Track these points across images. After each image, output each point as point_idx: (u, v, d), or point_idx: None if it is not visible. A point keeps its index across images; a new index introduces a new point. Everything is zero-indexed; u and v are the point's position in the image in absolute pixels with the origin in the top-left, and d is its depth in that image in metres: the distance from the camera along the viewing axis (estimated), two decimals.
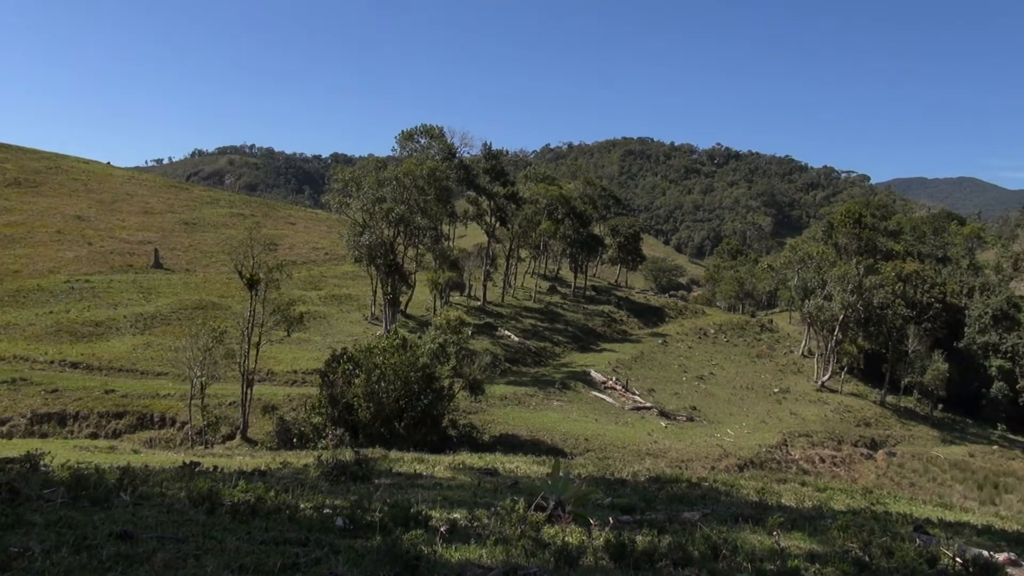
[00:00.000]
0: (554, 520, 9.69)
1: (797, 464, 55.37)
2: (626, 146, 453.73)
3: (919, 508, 24.63)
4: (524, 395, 60.74)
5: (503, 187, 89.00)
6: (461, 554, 7.71)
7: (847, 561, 8.26)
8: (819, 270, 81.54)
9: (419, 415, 42.80)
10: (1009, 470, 58.64)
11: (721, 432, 59.17)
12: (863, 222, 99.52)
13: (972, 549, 10.30)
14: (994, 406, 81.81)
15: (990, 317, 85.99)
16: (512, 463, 26.90)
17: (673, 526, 10.79)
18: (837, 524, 10.32)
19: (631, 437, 53.06)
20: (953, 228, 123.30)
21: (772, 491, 21.77)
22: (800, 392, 76.86)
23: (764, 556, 8.29)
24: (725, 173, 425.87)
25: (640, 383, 71.72)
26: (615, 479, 21.78)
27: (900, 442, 66.29)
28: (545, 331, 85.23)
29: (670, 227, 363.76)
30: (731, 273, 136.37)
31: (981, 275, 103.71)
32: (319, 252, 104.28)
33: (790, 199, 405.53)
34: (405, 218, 70.60)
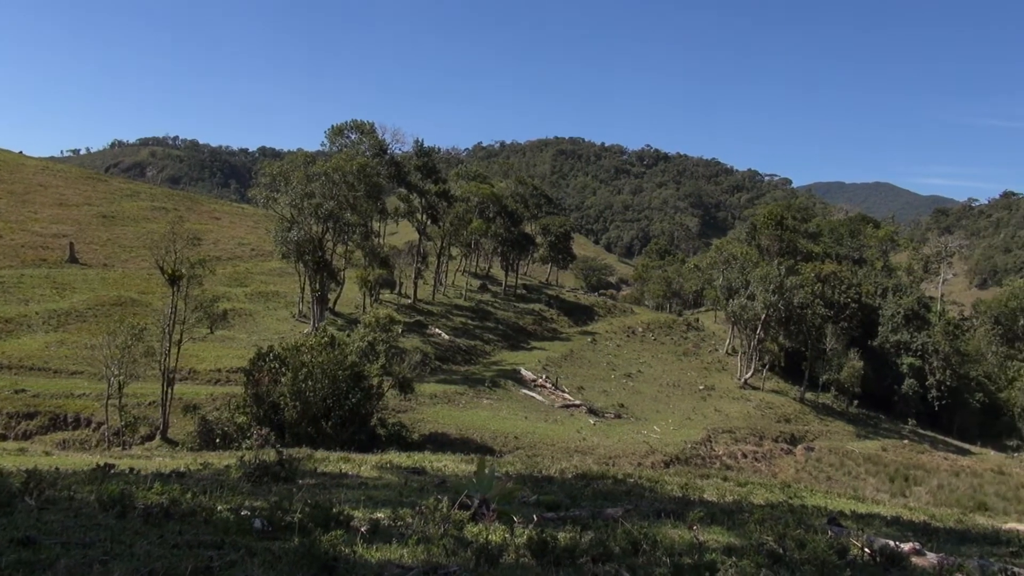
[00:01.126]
0: (478, 518, 9.68)
1: (721, 459, 56.71)
2: (558, 146, 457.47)
3: (834, 501, 25.60)
4: (454, 393, 60.60)
5: (435, 184, 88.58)
6: (382, 554, 7.63)
7: (762, 553, 8.51)
8: (743, 270, 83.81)
9: (347, 414, 42.21)
10: (918, 463, 61.34)
11: (648, 429, 60.22)
12: (784, 224, 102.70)
13: (880, 540, 10.74)
14: (905, 402, 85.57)
15: (902, 317, 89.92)
16: (440, 462, 26.80)
17: (596, 522, 10.92)
18: (754, 518, 10.62)
19: (560, 435, 53.52)
20: (868, 231, 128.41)
21: (695, 486, 22.29)
22: (724, 389, 78.86)
23: (683, 550, 8.47)
24: (654, 174, 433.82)
25: (570, 381, 72.41)
26: (542, 476, 21.92)
27: (818, 437, 68.60)
28: (476, 329, 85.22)
29: (600, 227, 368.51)
30: (659, 273, 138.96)
31: (894, 276, 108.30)
32: (245, 248, 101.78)
33: (716, 201, 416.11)
34: (334, 214, 69.56)
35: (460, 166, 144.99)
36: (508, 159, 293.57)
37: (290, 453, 22.06)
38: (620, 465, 45.18)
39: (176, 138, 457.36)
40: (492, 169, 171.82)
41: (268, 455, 19.22)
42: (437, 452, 33.21)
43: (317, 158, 79.21)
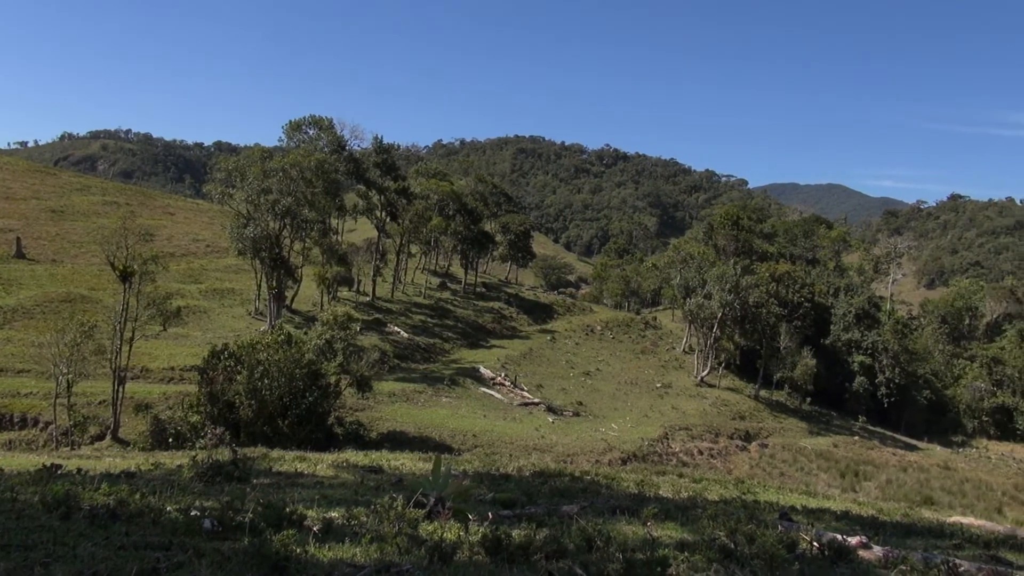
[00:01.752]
0: (434, 516, 9.64)
1: (677, 456, 57.34)
2: (518, 144, 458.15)
3: (786, 496, 26.12)
4: (413, 392, 60.32)
5: (394, 181, 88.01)
6: (334, 553, 7.56)
7: (714, 549, 8.62)
8: (700, 270, 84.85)
9: (304, 413, 41.74)
10: (868, 459, 62.81)
11: (606, 426, 60.64)
12: (741, 224, 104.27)
13: (828, 534, 10.98)
14: (856, 399, 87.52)
15: (853, 316, 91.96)
16: (398, 460, 26.70)
17: (552, 519, 10.97)
18: (707, 513, 10.76)
19: (519, 432, 53.61)
20: (822, 232, 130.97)
21: (651, 483, 22.55)
22: (681, 387, 79.79)
23: (636, 546, 8.54)
24: (613, 174, 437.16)
25: (528, 379, 72.58)
26: (500, 474, 21.97)
27: (772, 434, 69.80)
28: (435, 327, 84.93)
29: (560, 225, 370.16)
30: (618, 271, 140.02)
31: (846, 276, 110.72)
32: (200, 244, 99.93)
33: (674, 200, 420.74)
34: (292, 210, 68.69)
35: (420, 163, 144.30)
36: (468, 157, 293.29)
37: (245, 452, 21.76)
38: (578, 463, 45.47)
39: (129, 131, 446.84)
40: (452, 167, 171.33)
41: (222, 454, 18.93)
42: (395, 451, 33.06)
43: (274, 153, 78.07)
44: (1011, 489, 53.57)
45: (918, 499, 47.20)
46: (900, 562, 9.84)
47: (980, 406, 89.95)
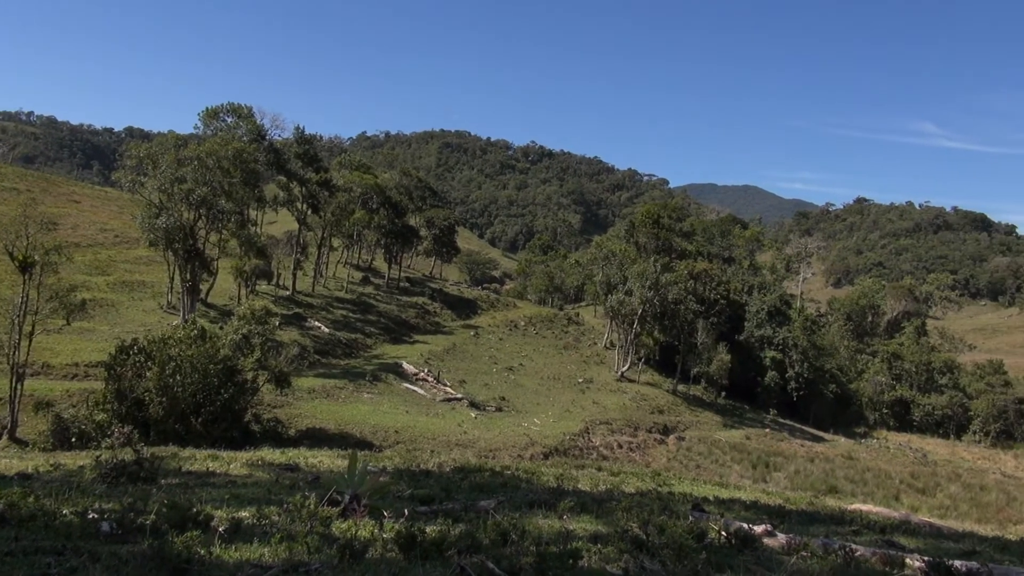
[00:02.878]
0: (348, 514, 9.50)
1: (598, 450, 58.17)
2: (444, 139, 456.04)
3: (700, 488, 26.85)
4: (333, 388, 59.32)
5: (316, 173, 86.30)
6: (241, 554, 7.35)
7: (626, 540, 8.79)
8: (621, 267, 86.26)
9: (219, 410, 40.49)
10: (778, 450, 65.08)
11: (528, 421, 61.03)
12: (661, 223, 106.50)
13: (736, 523, 11.34)
14: (768, 393, 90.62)
15: (766, 313, 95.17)
16: (316, 457, 26.23)
17: (469, 515, 10.97)
18: (621, 506, 10.96)
19: (441, 428, 53.40)
20: (737, 232, 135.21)
21: (570, 477, 22.82)
22: (602, 382, 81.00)
23: (551, 539, 8.63)
24: (538, 171, 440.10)
25: (452, 374, 72.39)
26: (420, 471, 21.84)
27: (689, 427, 71.55)
28: (357, 322, 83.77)
29: (485, 221, 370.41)
30: (542, 268, 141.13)
31: (759, 275, 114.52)
32: (108, 234, 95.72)
33: (598, 198, 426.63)
34: (207, 201, 66.45)
35: (343, 155, 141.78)
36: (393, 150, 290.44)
37: (153, 452, 20.95)
38: (500, 458, 45.61)
39: (31, 114, 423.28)
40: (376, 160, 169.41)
41: (127, 454, 18.19)
42: (314, 448, 32.47)
43: (189, 141, 75.35)
44: (907, 477, 56.44)
45: (823, 488, 49.19)
46: (801, 548, 10.25)
47: (881, 399, 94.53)
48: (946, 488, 53.60)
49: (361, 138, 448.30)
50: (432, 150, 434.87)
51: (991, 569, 11.27)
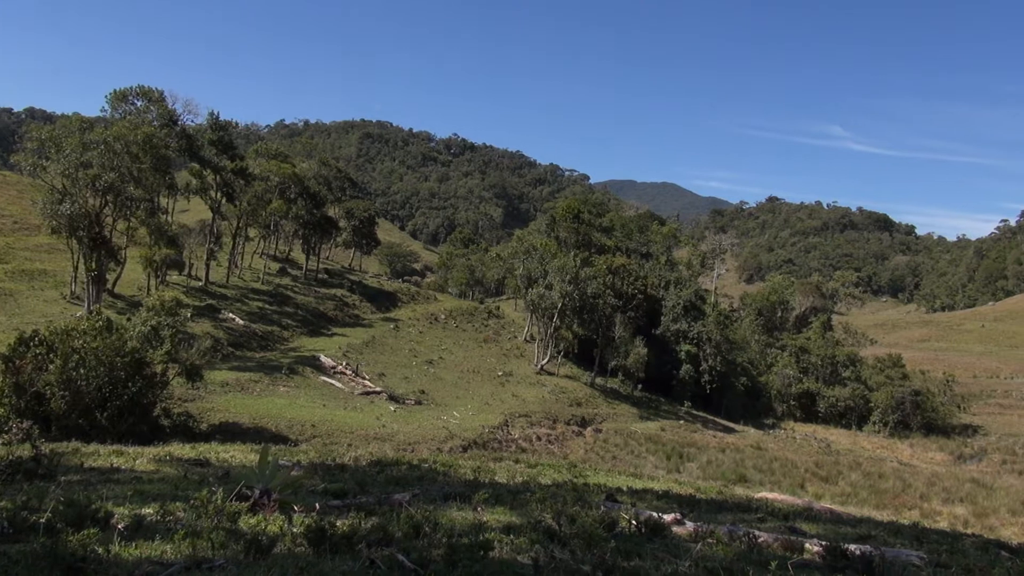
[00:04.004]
0: (258, 509, 9.30)
1: (516, 443, 58.57)
2: (365, 129, 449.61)
3: (615, 479, 27.41)
4: (248, 381, 57.85)
5: (231, 161, 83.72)
6: (141, 552, 7.11)
7: (539, 531, 8.91)
8: (542, 261, 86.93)
9: (126, 404, 38.91)
10: (691, 441, 66.89)
11: (448, 414, 60.95)
12: (581, 218, 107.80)
13: (646, 512, 11.64)
14: (682, 385, 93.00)
15: (681, 308, 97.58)
16: (229, 452, 25.57)
17: (383, 508, 10.90)
18: (535, 497, 11.09)
19: (359, 422, 52.78)
20: (655, 228, 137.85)
21: (487, 469, 22.93)
22: (522, 375, 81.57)
23: (464, 531, 8.66)
24: (460, 163, 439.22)
25: (371, 368, 71.63)
26: (335, 464, 21.56)
27: (606, 419, 72.79)
28: (273, 314, 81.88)
29: (406, 213, 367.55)
30: (463, 261, 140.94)
31: (676, 271, 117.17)
32: (6, 220, 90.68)
33: (520, 192, 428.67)
34: (115, 187, 63.63)
35: (260, 143, 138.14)
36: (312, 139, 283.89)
37: (53, 447, 19.99)
38: (419, 451, 45.40)
39: None
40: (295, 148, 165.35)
41: (25, 450, 17.31)
42: (227, 443, 31.63)
43: (96, 124, 71.90)
44: (812, 466, 58.87)
45: (733, 477, 50.84)
46: (708, 535, 10.61)
47: (788, 391, 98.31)
48: (847, 476, 56.06)
49: (279, 126, 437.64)
50: (353, 140, 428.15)
51: (883, 552, 11.91)
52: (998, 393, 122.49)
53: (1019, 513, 47.44)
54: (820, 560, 10.31)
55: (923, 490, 52.28)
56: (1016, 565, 13.22)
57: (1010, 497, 51.29)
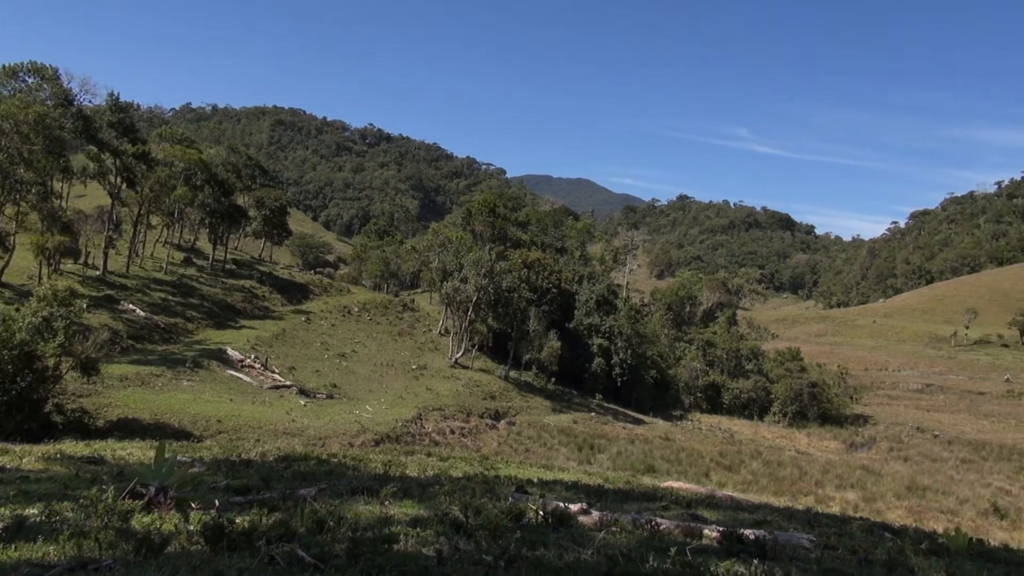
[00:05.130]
0: (153, 507, 8.96)
1: (430, 436, 58.34)
2: (277, 115, 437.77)
3: (526, 471, 27.65)
4: (149, 375, 55.58)
5: (132, 145, 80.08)
6: (21, 553, 6.73)
7: (446, 523, 8.90)
8: (457, 254, 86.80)
9: (14, 400, 36.90)
10: (602, 433, 68.16)
11: (361, 408, 60.17)
12: (497, 212, 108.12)
13: (554, 502, 11.81)
14: (594, 379, 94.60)
15: (594, 302, 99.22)
16: (126, 449, 24.52)
17: (287, 504, 10.67)
18: (444, 490, 11.08)
19: (268, 417, 51.51)
20: (570, 223, 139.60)
21: (398, 463, 22.76)
22: (436, 368, 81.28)
23: (369, 525, 8.57)
24: (376, 154, 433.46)
25: (281, 361, 70.00)
26: (241, 460, 20.97)
27: (520, 412, 73.34)
28: (177, 306, 78.88)
29: (319, 203, 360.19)
30: (378, 253, 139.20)
31: (589, 265, 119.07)
32: None
33: (436, 185, 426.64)
34: (3, 169, 60.04)
35: (164, 127, 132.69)
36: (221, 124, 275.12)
37: None
38: (330, 446, 44.67)
39: None
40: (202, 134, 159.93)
41: None
42: (125, 440, 30.35)
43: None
44: (716, 456, 60.92)
45: (642, 468, 52.09)
46: (612, 524, 10.84)
47: (695, 384, 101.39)
48: (749, 465, 58.25)
49: (185, 110, 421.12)
50: (264, 127, 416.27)
51: (776, 536, 12.46)
52: (886, 385, 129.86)
53: (903, 497, 50.46)
54: (717, 545, 10.69)
55: (818, 477, 54.92)
56: (896, 545, 14.06)
57: (895, 482, 54.48)
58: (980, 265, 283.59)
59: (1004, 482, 58.83)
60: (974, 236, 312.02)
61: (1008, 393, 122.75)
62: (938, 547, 15.19)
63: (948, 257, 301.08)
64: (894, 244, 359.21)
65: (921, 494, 51.55)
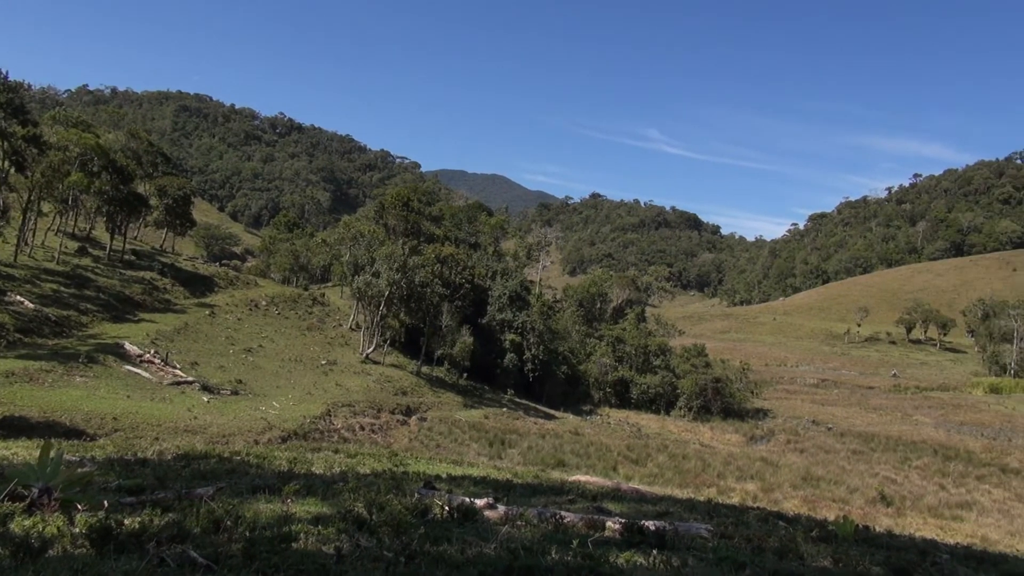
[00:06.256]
0: (36, 510, 8.49)
1: (339, 433, 57.43)
2: (181, 101, 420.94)
3: (436, 466, 27.60)
4: (39, 371, 52.59)
5: (22, 127, 75.53)
6: None
7: (348, 520, 8.78)
8: (369, 248, 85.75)
9: None
10: (514, 428, 68.66)
11: (267, 405, 58.70)
12: (411, 206, 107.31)
13: (460, 497, 11.83)
14: (506, 374, 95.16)
15: (507, 298, 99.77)
16: (10, 450, 23.19)
17: (182, 503, 10.30)
18: (348, 487, 10.93)
19: (168, 414, 49.58)
20: (483, 219, 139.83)
21: (304, 460, 22.32)
22: (347, 364, 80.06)
23: (269, 524, 8.37)
24: (287, 144, 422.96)
25: (183, 356, 67.49)
26: (137, 460, 20.13)
27: (431, 408, 73.08)
28: (71, 298, 74.93)
29: (226, 193, 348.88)
30: (287, 245, 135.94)
31: (503, 261, 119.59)
32: None
33: (349, 177, 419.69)
34: None
35: (58, 109, 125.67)
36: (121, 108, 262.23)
37: None
38: (234, 443, 43.38)
39: None
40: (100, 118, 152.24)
41: None
42: (10, 439, 28.64)
43: None
44: (624, 449, 62.35)
45: (552, 462, 52.79)
46: (518, 518, 10.95)
47: (605, 379, 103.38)
48: (655, 458, 59.87)
49: (82, 92, 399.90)
50: (167, 112, 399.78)
51: (676, 527, 12.86)
52: (785, 380, 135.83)
53: (799, 487, 52.94)
54: (619, 537, 10.95)
55: (720, 469, 56.95)
56: (788, 533, 14.74)
57: (792, 473, 57.08)
58: (872, 266, 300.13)
59: (890, 472, 62.48)
60: (866, 239, 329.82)
61: (895, 388, 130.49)
62: (827, 534, 16.00)
63: (843, 258, 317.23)
64: (794, 245, 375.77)
65: (815, 484, 54.21)
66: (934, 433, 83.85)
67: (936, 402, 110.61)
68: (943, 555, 16.16)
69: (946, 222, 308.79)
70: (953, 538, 32.65)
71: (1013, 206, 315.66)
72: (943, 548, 18.87)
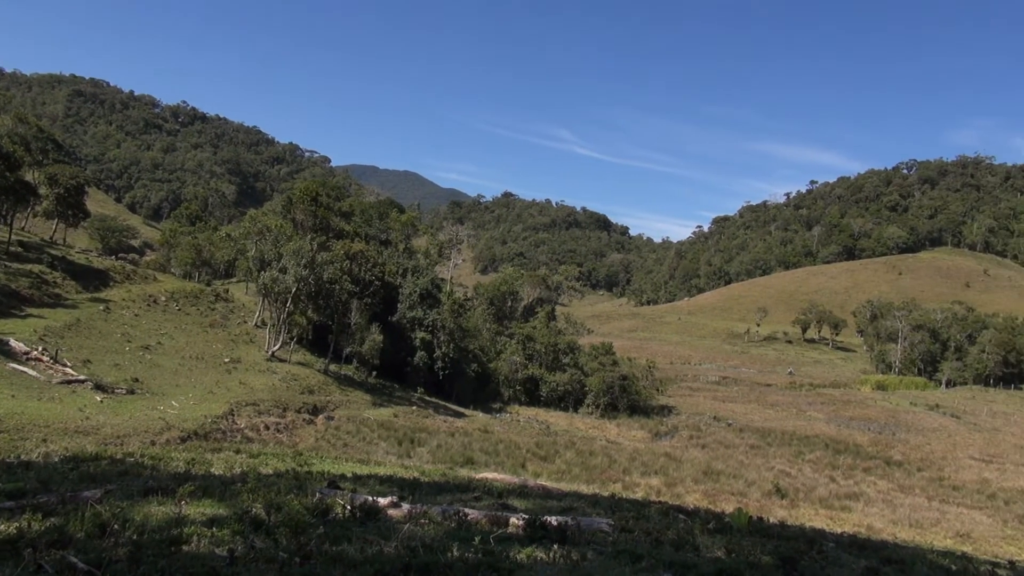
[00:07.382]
0: None
1: (243, 432, 55.77)
2: (75, 85, 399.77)
3: (341, 466, 27.20)
4: None
5: None
6: None
7: (245, 521, 8.57)
8: (276, 243, 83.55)
9: None
10: (423, 426, 68.34)
11: (166, 404, 56.41)
12: (320, 201, 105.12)
13: (363, 497, 11.71)
14: (416, 372, 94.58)
15: (418, 295, 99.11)
16: None
17: (66, 507, 9.82)
18: (246, 487, 10.65)
19: (57, 414, 46.98)
20: (395, 215, 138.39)
21: (203, 461, 21.59)
22: (251, 362, 77.80)
23: (159, 527, 8.08)
24: (190, 134, 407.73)
25: (74, 353, 64.08)
26: (19, 462, 19.03)
27: (339, 407, 71.88)
28: None
29: (124, 184, 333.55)
30: (189, 239, 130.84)
31: (414, 259, 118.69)
32: None
33: (256, 170, 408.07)
34: None
35: None
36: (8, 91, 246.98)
37: None
38: (129, 444, 41.54)
39: None
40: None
41: None
42: None
43: None
44: (533, 447, 62.98)
45: (461, 460, 52.80)
46: (422, 516, 10.94)
47: (515, 377, 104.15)
48: (563, 455, 60.70)
49: None
50: (60, 97, 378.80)
51: (579, 521, 13.12)
52: (689, 377, 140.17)
53: (700, 481, 54.75)
54: (522, 532, 11.08)
55: (626, 464, 58.28)
56: (687, 526, 15.26)
57: (694, 468, 58.96)
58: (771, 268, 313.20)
59: (785, 465, 65.42)
60: (766, 242, 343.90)
61: (791, 385, 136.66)
62: (724, 526, 16.65)
63: (744, 260, 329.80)
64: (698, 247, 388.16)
65: (715, 478, 56.19)
66: (826, 428, 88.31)
67: (828, 398, 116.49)
68: (829, 543, 17.07)
69: (839, 227, 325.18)
70: (841, 527, 34.46)
71: (899, 213, 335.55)
72: (830, 537, 19.92)
